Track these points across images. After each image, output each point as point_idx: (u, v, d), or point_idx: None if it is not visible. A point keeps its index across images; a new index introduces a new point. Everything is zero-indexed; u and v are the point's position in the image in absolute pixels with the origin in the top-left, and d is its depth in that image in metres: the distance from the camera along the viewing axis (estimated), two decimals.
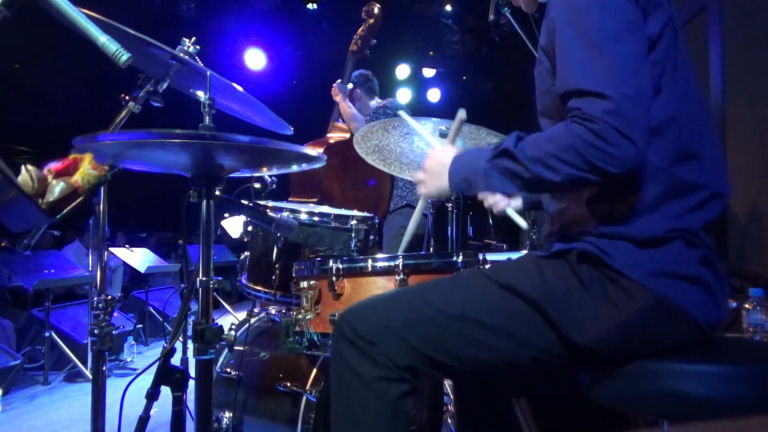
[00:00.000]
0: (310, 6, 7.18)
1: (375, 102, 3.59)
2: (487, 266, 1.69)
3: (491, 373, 1.23)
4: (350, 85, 3.39)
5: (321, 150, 3.16)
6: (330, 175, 3.21)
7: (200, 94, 1.52)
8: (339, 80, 3.33)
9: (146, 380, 1.55)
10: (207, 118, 1.38)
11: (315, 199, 3.13)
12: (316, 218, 2.05)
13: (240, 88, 1.57)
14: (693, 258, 1.10)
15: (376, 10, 3.28)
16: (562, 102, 1.12)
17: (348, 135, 3.31)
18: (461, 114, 1.46)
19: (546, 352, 1.13)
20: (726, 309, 1.16)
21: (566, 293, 1.11)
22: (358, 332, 1.16)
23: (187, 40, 1.65)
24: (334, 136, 3.37)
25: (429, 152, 1.37)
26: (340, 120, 3.45)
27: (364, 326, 1.17)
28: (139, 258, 6.00)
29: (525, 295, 1.13)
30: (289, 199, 3.21)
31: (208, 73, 1.43)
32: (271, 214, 1.75)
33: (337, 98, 3.33)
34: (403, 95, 7.93)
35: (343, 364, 1.18)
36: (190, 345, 1.49)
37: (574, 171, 1.05)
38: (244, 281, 2.18)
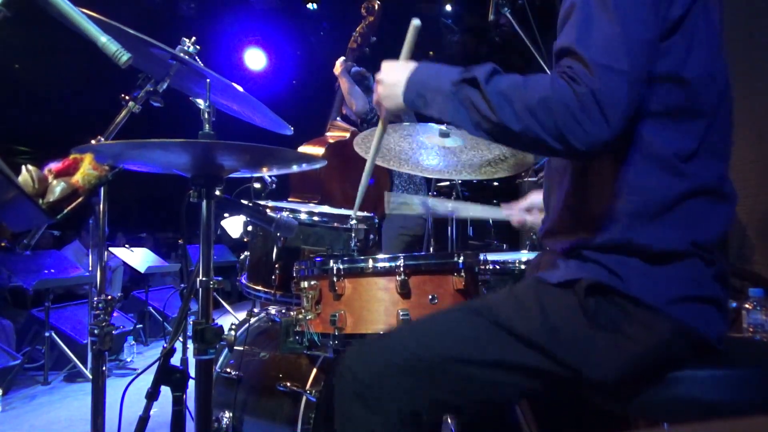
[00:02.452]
0: (310, 6, 7.18)
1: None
2: (488, 266, 1.69)
3: (498, 407, 1.19)
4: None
5: (320, 149, 3.15)
6: (330, 175, 3.20)
7: (200, 102, 1.51)
8: (344, 57, 3.30)
9: (146, 380, 1.55)
10: (207, 125, 1.38)
11: (315, 199, 3.13)
12: (316, 218, 2.04)
13: (240, 88, 1.57)
14: (710, 276, 1.04)
15: (375, 7, 3.26)
16: (556, 57, 1.02)
17: (347, 135, 3.31)
18: (415, 22, 1.33)
19: (554, 387, 1.09)
20: (729, 318, 1.15)
21: (574, 333, 1.04)
22: (360, 379, 1.12)
23: (187, 40, 1.65)
24: (333, 135, 3.36)
25: (384, 64, 1.27)
26: (339, 119, 3.44)
27: (365, 373, 1.12)
28: (139, 258, 6.00)
29: (527, 339, 1.06)
30: (289, 199, 3.20)
31: (208, 81, 1.42)
32: (271, 214, 1.75)
33: (337, 71, 3.30)
34: None
35: (346, 414, 1.14)
36: (190, 345, 1.49)
37: (537, 129, 0.97)
38: (244, 281, 2.18)
